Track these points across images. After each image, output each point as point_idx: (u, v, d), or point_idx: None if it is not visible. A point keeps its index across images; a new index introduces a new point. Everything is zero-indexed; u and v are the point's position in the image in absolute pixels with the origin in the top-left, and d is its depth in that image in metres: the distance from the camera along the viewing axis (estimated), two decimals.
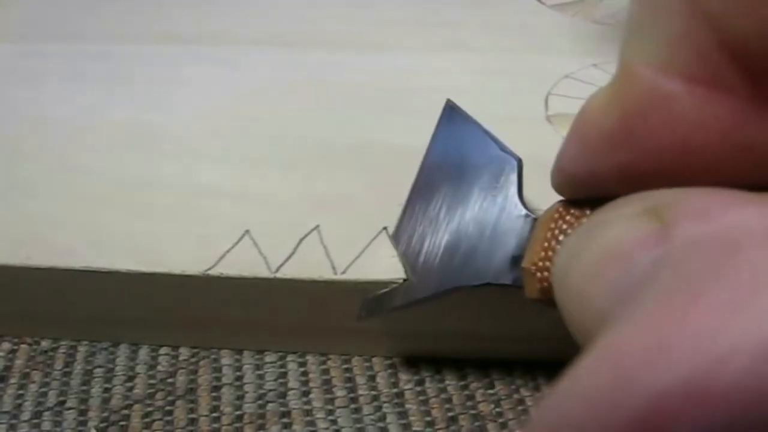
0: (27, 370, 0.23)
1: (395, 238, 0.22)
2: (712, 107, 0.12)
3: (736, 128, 0.12)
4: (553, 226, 0.16)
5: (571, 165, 0.15)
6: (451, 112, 0.23)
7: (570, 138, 0.15)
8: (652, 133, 0.13)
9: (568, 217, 0.16)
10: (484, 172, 0.20)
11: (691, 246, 0.11)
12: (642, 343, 0.10)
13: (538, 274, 0.16)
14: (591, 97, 0.14)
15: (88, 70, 0.31)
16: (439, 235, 0.20)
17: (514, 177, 0.20)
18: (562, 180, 0.16)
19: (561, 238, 0.16)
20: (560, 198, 0.17)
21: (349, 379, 0.23)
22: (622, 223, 0.13)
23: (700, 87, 0.12)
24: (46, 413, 0.22)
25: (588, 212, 0.16)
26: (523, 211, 0.19)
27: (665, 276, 0.11)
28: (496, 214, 0.20)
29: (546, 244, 0.16)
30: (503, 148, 0.21)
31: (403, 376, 0.23)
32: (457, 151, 0.22)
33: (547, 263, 0.16)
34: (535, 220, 0.19)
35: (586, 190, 0.16)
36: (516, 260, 0.19)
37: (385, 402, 0.22)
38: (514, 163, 0.20)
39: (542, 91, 0.29)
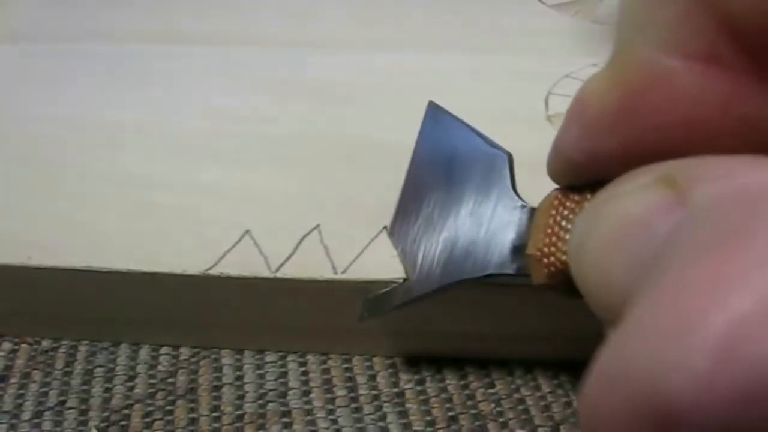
0: (28, 369, 0.23)
1: (391, 239, 0.22)
2: (711, 83, 0.13)
3: (735, 103, 0.13)
4: (554, 212, 0.17)
5: (571, 148, 0.15)
6: (435, 113, 0.23)
7: (569, 121, 0.15)
8: (653, 110, 0.13)
9: (568, 203, 0.16)
10: (475, 169, 0.20)
11: (714, 205, 0.11)
12: (701, 282, 0.10)
13: (545, 260, 0.16)
14: (588, 80, 0.15)
15: (88, 70, 0.31)
16: (436, 233, 0.20)
17: (506, 171, 0.20)
18: (560, 165, 0.16)
19: (564, 223, 0.16)
20: (556, 187, 0.17)
21: (350, 379, 0.23)
22: (635, 194, 0.13)
23: (699, 63, 0.13)
24: (47, 413, 0.22)
25: (588, 196, 0.16)
26: (519, 203, 0.19)
27: (694, 234, 0.11)
28: (492, 207, 0.20)
29: (549, 230, 0.16)
30: (492, 144, 0.21)
31: (404, 376, 0.23)
32: (445, 150, 0.22)
33: (552, 248, 0.16)
34: (532, 210, 0.19)
35: (584, 175, 0.16)
36: (517, 250, 0.19)
37: (385, 401, 0.22)
38: (505, 157, 0.20)
39: (542, 91, 0.29)
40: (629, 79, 0.14)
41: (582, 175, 0.16)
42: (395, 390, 0.22)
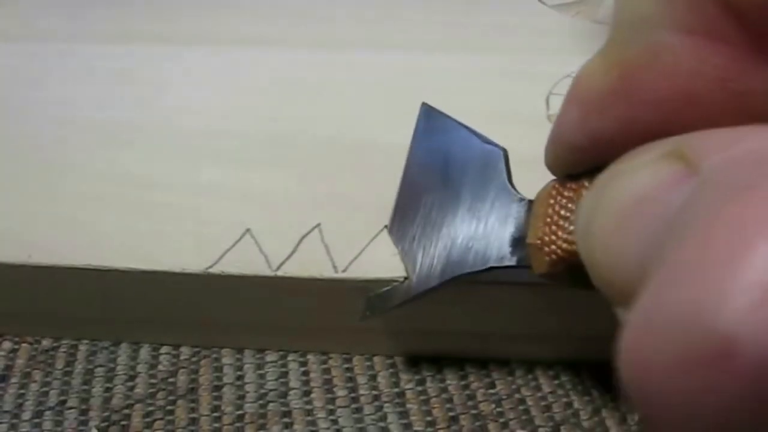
0: (28, 369, 0.23)
1: (391, 237, 0.22)
2: (709, 57, 0.13)
3: (733, 77, 0.13)
4: (552, 201, 0.17)
5: (571, 131, 0.15)
6: (429, 114, 0.23)
7: (568, 105, 0.15)
8: (652, 86, 0.13)
9: (566, 192, 0.16)
10: (471, 166, 0.21)
11: (729, 167, 0.11)
12: (742, 218, 0.10)
13: (546, 248, 0.16)
14: (586, 64, 0.15)
15: (88, 70, 0.31)
16: (435, 231, 0.21)
17: (501, 166, 0.20)
18: (559, 151, 0.16)
19: (563, 212, 0.16)
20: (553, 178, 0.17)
21: (350, 379, 0.23)
22: (642, 170, 0.13)
23: (697, 39, 0.13)
24: (47, 413, 0.22)
25: (586, 183, 0.16)
26: (517, 196, 0.19)
27: (717, 188, 0.11)
28: (490, 203, 0.20)
29: (548, 219, 0.17)
30: (486, 140, 0.21)
31: (404, 376, 0.23)
32: (440, 150, 0.22)
33: (553, 237, 0.16)
34: (530, 202, 0.19)
35: (583, 159, 0.16)
36: (517, 242, 0.19)
37: (386, 401, 0.22)
38: (500, 152, 0.20)
39: (543, 91, 0.29)
40: (627, 56, 0.14)
41: (581, 160, 0.16)
42: (396, 390, 0.22)
